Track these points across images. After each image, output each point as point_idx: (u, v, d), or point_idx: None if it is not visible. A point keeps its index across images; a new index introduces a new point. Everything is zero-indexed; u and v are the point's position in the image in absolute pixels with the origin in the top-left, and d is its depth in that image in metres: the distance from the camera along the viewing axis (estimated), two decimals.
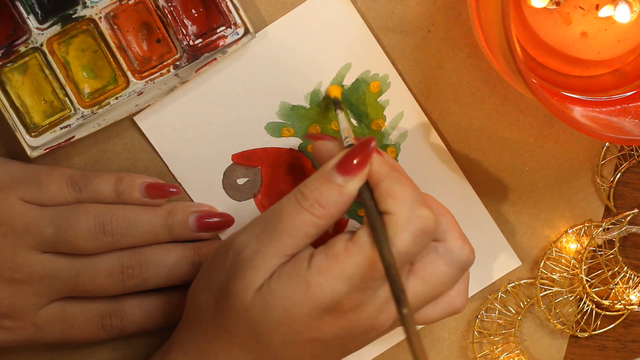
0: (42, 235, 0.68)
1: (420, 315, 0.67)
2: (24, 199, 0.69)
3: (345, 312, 0.62)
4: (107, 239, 0.69)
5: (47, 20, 0.69)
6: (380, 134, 0.73)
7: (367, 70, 0.73)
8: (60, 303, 0.70)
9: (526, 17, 0.70)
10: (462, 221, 0.75)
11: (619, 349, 0.78)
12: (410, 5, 0.72)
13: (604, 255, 0.76)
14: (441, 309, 0.68)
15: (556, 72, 0.72)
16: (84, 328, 0.71)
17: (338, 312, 0.62)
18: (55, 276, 0.69)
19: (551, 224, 0.76)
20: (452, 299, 0.68)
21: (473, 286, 0.75)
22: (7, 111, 0.69)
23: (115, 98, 0.70)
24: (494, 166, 0.75)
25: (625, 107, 0.71)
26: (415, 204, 0.62)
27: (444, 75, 0.73)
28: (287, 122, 0.73)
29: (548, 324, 0.77)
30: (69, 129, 0.70)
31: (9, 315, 0.69)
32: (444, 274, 0.65)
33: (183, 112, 0.72)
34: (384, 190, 0.63)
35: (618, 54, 0.72)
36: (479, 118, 0.74)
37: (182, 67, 0.70)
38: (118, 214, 0.69)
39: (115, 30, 0.70)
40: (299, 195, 0.63)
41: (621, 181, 0.76)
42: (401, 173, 0.65)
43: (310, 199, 0.63)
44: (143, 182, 0.71)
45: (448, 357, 0.76)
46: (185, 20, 0.70)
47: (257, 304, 0.62)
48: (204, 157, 0.73)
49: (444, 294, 0.67)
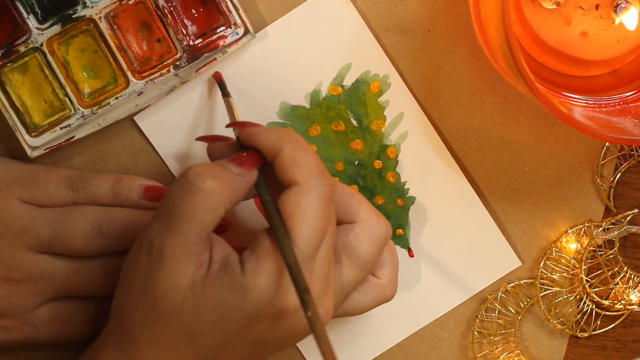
0: (39, 236, 0.68)
1: (351, 305, 0.67)
2: (21, 199, 0.69)
3: (289, 313, 0.61)
4: (103, 242, 0.69)
5: (47, 20, 0.69)
6: (381, 134, 0.73)
7: (367, 71, 0.73)
8: (57, 302, 0.70)
9: (526, 17, 0.70)
10: (462, 221, 0.75)
11: (619, 349, 0.78)
12: (410, 5, 0.72)
13: (604, 255, 0.76)
14: (372, 298, 0.67)
15: (556, 72, 0.72)
16: (81, 328, 0.71)
17: (281, 314, 0.61)
18: (52, 276, 0.69)
19: (551, 224, 0.76)
20: (383, 289, 0.68)
21: (473, 286, 0.75)
22: (7, 111, 0.69)
23: (115, 98, 0.70)
24: (494, 166, 0.75)
25: (625, 107, 0.71)
26: (321, 171, 0.61)
27: (444, 75, 0.73)
28: (287, 122, 0.73)
29: (548, 324, 0.77)
30: (69, 129, 0.70)
31: (6, 315, 0.69)
32: (368, 253, 0.65)
33: (183, 112, 0.72)
34: (289, 158, 0.61)
35: (618, 54, 0.72)
36: (479, 118, 0.74)
37: (182, 67, 0.70)
38: (115, 216, 0.69)
39: (115, 30, 0.70)
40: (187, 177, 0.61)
41: (621, 181, 0.76)
42: (300, 140, 0.63)
43: (198, 181, 0.60)
44: (141, 185, 0.70)
45: (448, 357, 0.76)
46: (185, 20, 0.70)
47: (188, 306, 0.61)
48: (204, 157, 0.73)
49: (375, 284, 0.67)
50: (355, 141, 0.73)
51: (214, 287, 0.60)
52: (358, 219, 0.65)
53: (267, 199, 0.61)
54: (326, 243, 0.62)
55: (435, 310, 0.75)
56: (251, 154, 0.63)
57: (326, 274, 0.62)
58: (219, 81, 0.71)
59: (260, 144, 0.63)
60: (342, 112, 0.73)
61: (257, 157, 0.63)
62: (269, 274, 0.60)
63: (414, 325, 0.75)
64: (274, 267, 0.60)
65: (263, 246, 0.61)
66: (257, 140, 0.63)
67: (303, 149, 0.62)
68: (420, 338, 0.76)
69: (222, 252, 0.62)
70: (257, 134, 0.63)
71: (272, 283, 0.60)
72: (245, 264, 0.61)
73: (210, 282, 0.61)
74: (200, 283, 0.61)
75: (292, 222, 0.60)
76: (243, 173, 0.62)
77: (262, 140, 0.63)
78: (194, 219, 0.60)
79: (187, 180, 0.61)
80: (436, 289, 0.75)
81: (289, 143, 0.62)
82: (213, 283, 0.60)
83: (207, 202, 0.60)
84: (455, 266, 0.75)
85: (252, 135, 0.63)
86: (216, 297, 0.60)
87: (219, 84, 0.71)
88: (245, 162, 0.63)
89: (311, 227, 0.60)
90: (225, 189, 0.61)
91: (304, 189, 0.61)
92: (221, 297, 0.60)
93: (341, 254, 0.64)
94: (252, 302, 0.60)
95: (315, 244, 0.61)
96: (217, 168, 0.62)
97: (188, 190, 0.60)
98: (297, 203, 0.60)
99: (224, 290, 0.60)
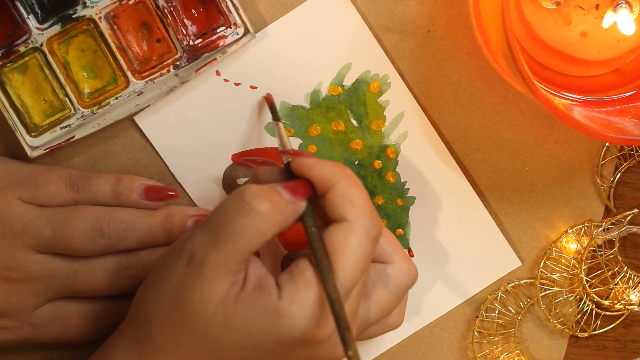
0: (40, 236, 0.68)
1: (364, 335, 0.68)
2: (22, 199, 0.69)
3: (316, 343, 0.61)
4: (104, 242, 0.69)
5: (47, 20, 0.69)
6: (381, 134, 0.73)
7: (367, 71, 0.73)
8: (57, 303, 0.70)
9: (526, 17, 0.71)
10: (462, 221, 0.75)
11: (619, 349, 0.78)
12: (410, 5, 0.72)
13: (604, 255, 0.76)
14: (381, 328, 0.69)
15: (556, 72, 0.72)
16: (81, 327, 0.71)
17: (309, 343, 0.61)
18: (52, 276, 0.69)
19: (551, 224, 0.76)
20: (393, 319, 0.69)
21: (473, 286, 0.75)
22: (7, 111, 0.69)
23: (115, 98, 0.70)
24: (493, 166, 0.75)
25: (625, 107, 0.71)
26: (372, 212, 0.62)
27: (444, 75, 0.73)
28: (287, 122, 0.73)
29: (548, 324, 0.77)
30: (69, 129, 0.70)
31: (6, 315, 0.69)
32: (395, 295, 0.66)
33: (183, 112, 0.72)
34: (342, 194, 0.62)
35: (618, 54, 0.72)
36: (479, 118, 0.74)
37: (182, 67, 0.70)
38: (115, 216, 0.69)
39: (115, 30, 0.70)
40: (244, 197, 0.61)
41: (621, 181, 0.76)
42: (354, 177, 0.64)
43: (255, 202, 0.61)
44: (142, 184, 0.70)
45: (448, 357, 0.76)
46: (185, 20, 0.70)
47: (218, 321, 0.61)
48: (204, 157, 0.73)
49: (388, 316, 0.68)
50: (355, 141, 0.74)
51: (247, 306, 0.60)
52: (391, 260, 0.66)
53: (313, 231, 0.62)
54: (361, 281, 0.62)
55: (435, 310, 0.76)
56: (304, 183, 0.63)
57: (355, 309, 0.63)
58: (270, 104, 0.71)
59: (314, 176, 0.63)
60: (342, 112, 0.73)
61: (308, 187, 0.63)
62: (306, 303, 0.60)
63: (414, 326, 0.76)
64: (312, 297, 0.60)
65: (304, 275, 0.61)
66: (312, 172, 0.63)
67: (357, 187, 0.62)
68: (420, 338, 0.76)
69: (258, 272, 0.62)
70: (311, 165, 0.63)
71: (307, 313, 0.60)
72: (283, 289, 0.61)
73: (244, 300, 0.61)
74: (233, 300, 0.61)
75: (337, 258, 0.61)
76: (294, 202, 0.62)
77: (316, 173, 0.63)
78: (243, 239, 0.60)
79: (243, 199, 0.61)
80: (436, 289, 0.75)
81: (344, 179, 0.62)
82: (247, 302, 0.61)
83: (259, 224, 0.61)
84: (455, 266, 0.75)
85: (306, 166, 0.63)
86: (248, 317, 0.60)
87: (270, 107, 0.71)
88: (297, 191, 0.63)
89: (355, 266, 0.61)
90: (278, 214, 0.61)
91: (355, 227, 0.61)
92: (253, 318, 0.60)
93: (371, 292, 0.65)
94: (284, 328, 0.60)
95: (355, 282, 0.61)
96: (273, 192, 0.62)
97: (243, 210, 0.61)
98: (345, 240, 0.61)
99: (257, 312, 0.60)
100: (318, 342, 0.61)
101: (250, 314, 0.60)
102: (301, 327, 0.60)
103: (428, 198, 0.74)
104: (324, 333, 0.61)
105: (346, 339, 0.57)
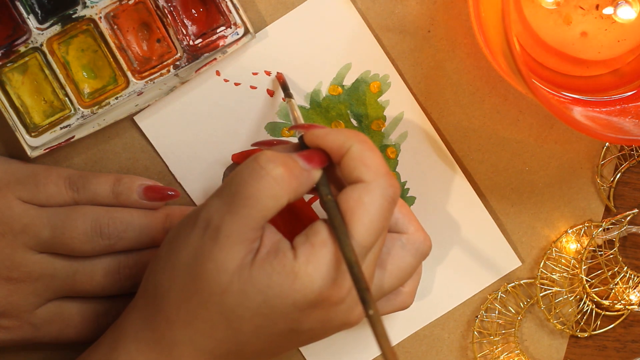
0: (39, 236, 0.68)
1: None
2: (22, 199, 0.69)
3: (331, 305, 0.61)
4: (103, 242, 0.69)
5: (47, 20, 0.69)
6: (381, 134, 0.73)
7: (367, 71, 0.73)
8: (57, 302, 0.70)
9: (526, 17, 0.71)
10: (462, 221, 0.75)
11: (619, 349, 0.78)
12: (410, 5, 0.72)
13: (604, 255, 0.76)
14: (393, 305, 0.68)
15: (556, 72, 0.72)
16: (81, 327, 0.71)
17: (324, 304, 0.61)
18: (52, 276, 0.69)
19: (551, 224, 0.76)
20: (405, 298, 0.69)
21: (473, 286, 0.75)
22: (7, 111, 0.69)
23: (115, 98, 0.70)
24: (493, 166, 0.75)
25: (625, 107, 0.71)
26: (388, 173, 0.62)
27: (444, 75, 0.73)
28: (287, 122, 0.73)
29: (548, 324, 0.77)
30: (69, 129, 0.70)
31: (6, 315, 0.69)
32: (410, 266, 0.66)
33: (183, 112, 0.72)
34: (357, 157, 0.62)
35: (618, 54, 0.72)
36: (479, 118, 0.74)
37: (182, 67, 0.70)
38: (115, 216, 0.69)
39: (115, 30, 0.70)
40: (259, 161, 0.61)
41: (621, 181, 0.76)
42: (368, 141, 0.63)
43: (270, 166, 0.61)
44: (141, 184, 0.70)
45: (448, 357, 0.76)
46: (185, 20, 0.70)
47: (234, 289, 0.60)
48: (204, 157, 0.73)
49: (399, 292, 0.68)
50: None
51: (262, 271, 0.60)
52: (407, 230, 0.66)
53: (329, 199, 0.62)
54: (377, 246, 0.62)
55: (435, 310, 0.75)
56: (319, 152, 0.63)
57: (370, 275, 0.63)
58: (282, 82, 0.71)
59: (329, 144, 0.63)
60: (342, 112, 0.73)
61: (324, 156, 0.63)
62: (322, 263, 0.60)
63: (414, 325, 0.76)
64: (328, 257, 0.60)
65: (319, 235, 0.61)
66: (325, 140, 0.63)
67: (371, 150, 0.62)
68: (420, 338, 0.76)
69: (273, 238, 0.62)
70: (325, 134, 0.63)
71: (323, 272, 0.60)
72: (298, 249, 0.61)
73: (260, 265, 0.60)
74: (248, 267, 0.60)
75: (352, 217, 0.61)
76: (309, 169, 0.62)
77: (330, 141, 0.63)
78: (258, 203, 0.60)
79: (258, 163, 0.61)
80: (436, 289, 0.75)
81: (358, 143, 0.62)
82: (262, 266, 0.60)
83: (274, 188, 0.60)
84: (455, 266, 0.75)
85: (320, 136, 0.63)
86: (263, 281, 0.60)
87: (282, 84, 0.71)
88: (313, 159, 0.63)
89: (370, 226, 0.61)
90: (293, 180, 0.61)
91: (370, 187, 0.61)
92: (269, 282, 0.60)
93: (386, 260, 0.65)
94: (300, 289, 0.60)
95: (369, 244, 0.61)
96: (288, 158, 0.62)
97: (257, 174, 0.60)
98: (359, 199, 0.61)
99: (273, 274, 0.60)
100: (333, 303, 0.61)
101: (266, 277, 0.60)
102: (317, 287, 0.60)
103: (428, 198, 0.74)
104: (339, 294, 0.61)
105: (366, 299, 0.57)
